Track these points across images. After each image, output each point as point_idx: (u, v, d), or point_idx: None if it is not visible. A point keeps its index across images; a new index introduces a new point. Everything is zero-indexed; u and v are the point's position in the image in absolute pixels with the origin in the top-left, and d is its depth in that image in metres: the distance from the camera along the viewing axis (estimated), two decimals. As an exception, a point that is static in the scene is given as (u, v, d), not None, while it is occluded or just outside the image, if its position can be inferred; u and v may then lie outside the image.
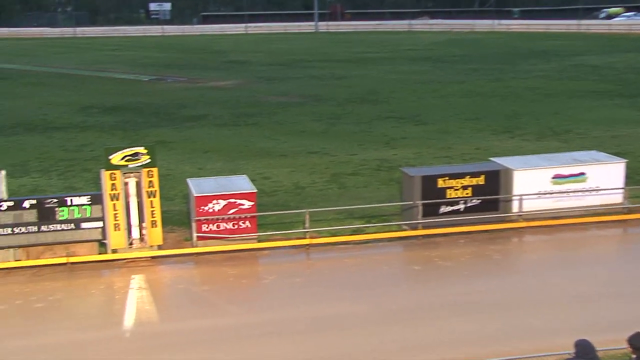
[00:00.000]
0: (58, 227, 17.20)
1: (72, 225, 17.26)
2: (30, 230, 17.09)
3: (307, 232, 18.36)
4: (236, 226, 18.04)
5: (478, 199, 18.99)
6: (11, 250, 17.26)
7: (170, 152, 28.48)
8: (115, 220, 17.43)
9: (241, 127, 33.84)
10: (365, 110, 37.25)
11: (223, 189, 18.21)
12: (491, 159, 20.92)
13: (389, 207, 20.33)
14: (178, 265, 17.52)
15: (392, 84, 46.32)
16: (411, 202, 18.88)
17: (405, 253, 18.32)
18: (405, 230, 18.96)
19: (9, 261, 17.25)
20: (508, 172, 19.37)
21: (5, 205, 16.96)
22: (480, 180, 19.03)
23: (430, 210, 18.74)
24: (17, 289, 16.20)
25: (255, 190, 18.33)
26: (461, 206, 18.98)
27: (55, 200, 17.24)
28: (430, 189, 18.74)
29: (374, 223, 19.45)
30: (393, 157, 27.06)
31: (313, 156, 27.54)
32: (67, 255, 17.32)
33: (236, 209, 17.94)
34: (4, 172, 17.09)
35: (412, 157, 26.83)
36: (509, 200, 19.34)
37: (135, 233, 17.68)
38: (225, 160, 27.12)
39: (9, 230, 17.01)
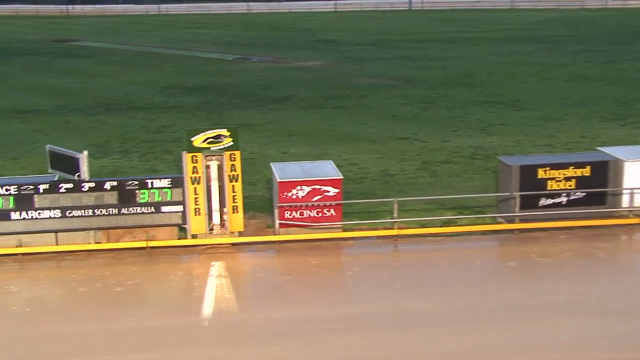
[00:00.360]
0: (138, 210, 17.73)
1: (152, 209, 17.75)
2: (111, 213, 17.68)
3: (395, 222, 18.27)
4: (320, 214, 18.14)
5: (583, 192, 18.48)
6: (91, 232, 17.91)
7: (253, 134, 28.84)
8: (196, 205, 17.80)
9: (328, 109, 33.92)
10: (460, 94, 36.67)
11: (308, 175, 18.32)
12: (599, 148, 20.25)
13: (483, 198, 20.01)
14: (259, 253, 17.78)
15: (491, 66, 45.40)
16: (508, 194, 18.54)
17: (500, 248, 18.00)
18: (500, 223, 18.64)
19: (89, 243, 17.91)
20: (618, 163, 18.75)
21: (87, 186, 17.61)
22: (586, 171, 18.49)
23: (529, 203, 18.37)
24: (97, 271, 16.83)
25: (341, 177, 18.37)
26: (563, 199, 18.51)
27: (136, 182, 17.74)
28: (530, 180, 18.36)
29: (467, 214, 19.21)
30: (489, 144, 26.58)
31: (403, 142, 27.34)
32: (147, 239, 17.84)
33: (321, 196, 18.03)
34: (85, 153, 17.75)
35: (510, 145, 26.28)
36: (618, 194, 18.73)
37: (216, 218, 18.01)
38: (311, 145, 27.25)
39: (90, 211, 17.65)
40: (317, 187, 18.00)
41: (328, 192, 18.03)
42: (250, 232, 18.52)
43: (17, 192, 17.45)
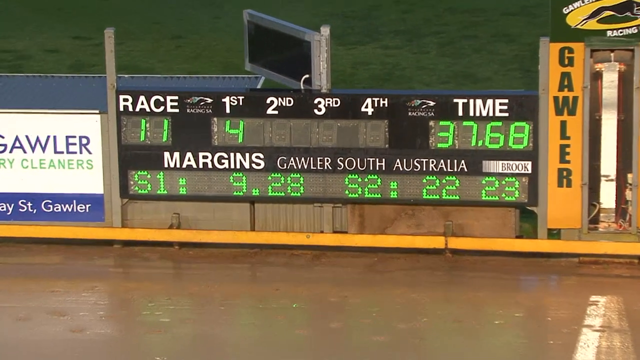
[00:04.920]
0: (432, 164, 17.83)
1: (463, 164, 17.88)
2: (372, 168, 17.95)
3: None
4: None
5: None
6: (328, 208, 18.29)
7: None
8: (563, 163, 17.76)
9: None
10: None
11: None
12: None
13: None
14: None
15: None
16: None
17: None
18: None
19: (320, 232, 18.41)
20: None
21: (324, 104, 17.89)
22: None
23: None
24: (333, 293, 17.40)
25: None
26: None
27: (431, 102, 17.80)
28: None
29: None
30: None
31: None
32: (446, 233, 18.05)
33: None
34: (326, 31, 17.84)
35: None
36: None
37: (608, 197, 17.79)
38: None
39: (327, 161, 18.00)
40: None
41: None
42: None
43: (177, 110, 18.15)
